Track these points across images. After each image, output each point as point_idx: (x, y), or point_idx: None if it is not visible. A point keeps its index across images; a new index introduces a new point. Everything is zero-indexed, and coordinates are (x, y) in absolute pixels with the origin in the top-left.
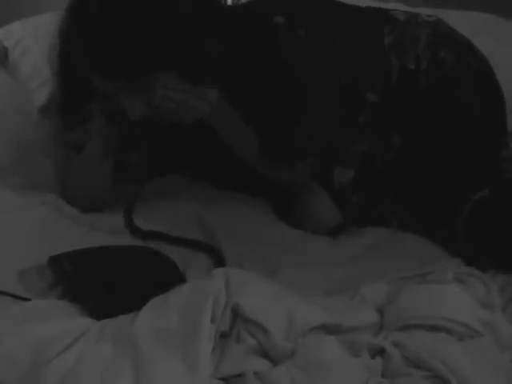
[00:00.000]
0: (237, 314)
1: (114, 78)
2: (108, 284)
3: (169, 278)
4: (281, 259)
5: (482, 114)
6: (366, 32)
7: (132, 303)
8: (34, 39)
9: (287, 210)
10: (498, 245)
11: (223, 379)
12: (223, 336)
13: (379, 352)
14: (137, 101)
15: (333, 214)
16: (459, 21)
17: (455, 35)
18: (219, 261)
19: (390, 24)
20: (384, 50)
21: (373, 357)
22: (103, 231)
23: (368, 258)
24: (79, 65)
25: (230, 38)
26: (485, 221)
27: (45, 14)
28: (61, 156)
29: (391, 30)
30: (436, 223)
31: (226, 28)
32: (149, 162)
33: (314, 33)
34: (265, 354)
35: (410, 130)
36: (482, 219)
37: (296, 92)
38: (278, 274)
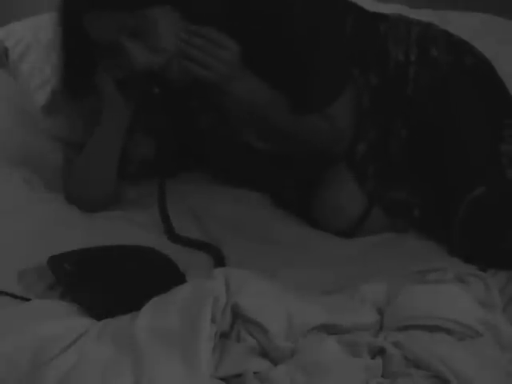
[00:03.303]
0: (237, 314)
1: (114, 10)
2: (108, 284)
3: (169, 277)
4: (281, 259)
5: (478, 111)
6: (361, 17)
7: (132, 303)
8: (34, 39)
9: (312, 202)
10: (493, 243)
11: (223, 379)
12: (223, 336)
13: (379, 352)
14: (139, 45)
15: (359, 197)
16: (461, 22)
17: (448, 35)
18: (219, 260)
19: (383, 18)
20: (380, 34)
21: (373, 357)
22: (106, 229)
23: (368, 258)
24: (80, 9)
25: None
26: (481, 219)
27: (45, 14)
28: (63, 157)
29: (384, 21)
30: (434, 221)
31: None
32: (167, 157)
33: None
34: (265, 354)
35: (404, 124)
36: (479, 218)
37: (302, 35)
38: (278, 273)
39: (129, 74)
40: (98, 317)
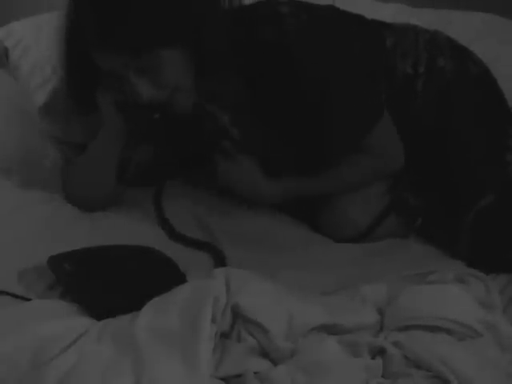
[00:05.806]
0: (237, 314)
1: (121, 51)
2: (108, 284)
3: (169, 277)
4: (281, 260)
5: (483, 121)
6: (367, 31)
7: (132, 303)
8: (34, 39)
9: (319, 210)
10: (500, 252)
11: (223, 379)
12: (223, 336)
13: (379, 352)
14: (145, 82)
15: (368, 210)
16: (462, 22)
17: (453, 43)
18: (220, 261)
19: (389, 29)
20: (386, 49)
21: (373, 357)
22: (106, 229)
23: (369, 260)
24: (87, 42)
25: (235, 24)
26: (489, 228)
27: (45, 14)
28: (62, 157)
29: (391, 34)
30: (438, 226)
31: (231, 16)
32: (164, 161)
33: (317, 16)
34: (265, 354)
35: (411, 136)
36: (487, 226)
37: (312, 80)
38: (278, 274)
39: (130, 98)
40: (98, 317)
